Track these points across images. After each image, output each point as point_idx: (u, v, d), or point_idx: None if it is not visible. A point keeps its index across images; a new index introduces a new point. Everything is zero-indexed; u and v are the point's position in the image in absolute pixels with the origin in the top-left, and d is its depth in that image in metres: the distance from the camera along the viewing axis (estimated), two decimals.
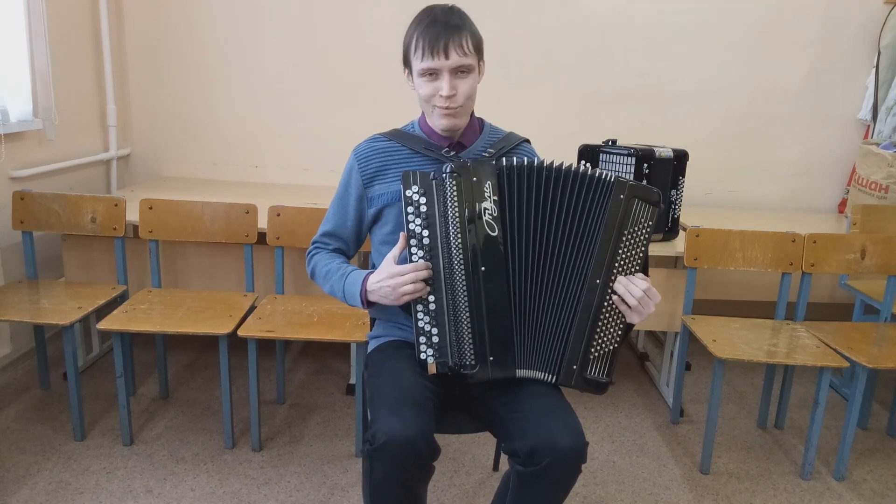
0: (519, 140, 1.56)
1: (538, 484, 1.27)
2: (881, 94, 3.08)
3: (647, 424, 2.40)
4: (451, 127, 1.43)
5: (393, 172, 1.48)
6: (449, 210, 1.32)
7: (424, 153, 1.47)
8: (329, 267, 1.50)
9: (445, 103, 1.38)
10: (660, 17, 3.08)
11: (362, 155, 1.50)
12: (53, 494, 1.84)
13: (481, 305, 1.33)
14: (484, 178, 1.33)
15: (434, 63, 1.34)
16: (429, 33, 1.34)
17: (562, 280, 1.36)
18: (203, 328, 1.97)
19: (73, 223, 2.32)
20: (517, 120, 3.15)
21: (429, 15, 1.37)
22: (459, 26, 1.35)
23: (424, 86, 1.39)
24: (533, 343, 1.37)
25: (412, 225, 1.33)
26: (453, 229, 1.32)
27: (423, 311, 1.34)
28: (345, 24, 3.07)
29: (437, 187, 1.32)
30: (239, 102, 3.16)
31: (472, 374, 1.33)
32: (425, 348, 1.34)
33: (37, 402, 2.32)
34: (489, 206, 1.33)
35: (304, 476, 2.00)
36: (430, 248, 1.33)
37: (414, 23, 1.40)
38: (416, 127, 1.53)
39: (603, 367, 1.37)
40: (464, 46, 1.35)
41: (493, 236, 1.33)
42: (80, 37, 2.87)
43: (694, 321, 2.25)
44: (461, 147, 1.49)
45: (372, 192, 1.49)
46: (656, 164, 2.38)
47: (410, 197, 1.32)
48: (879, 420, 2.53)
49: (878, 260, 2.33)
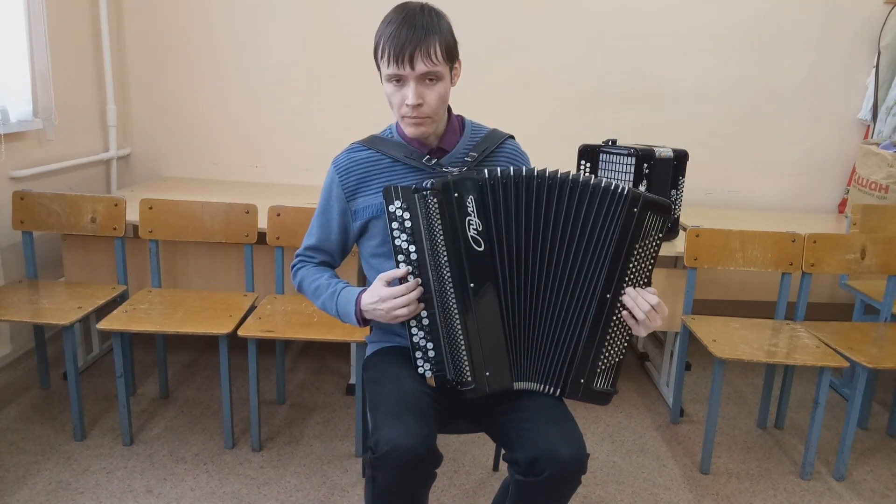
0: (502, 137, 1.51)
1: (538, 494, 1.27)
2: (881, 94, 3.08)
3: (647, 424, 2.40)
4: (419, 136, 1.38)
5: (375, 184, 1.43)
6: (433, 226, 1.29)
7: (405, 161, 1.42)
8: (318, 283, 1.46)
9: (413, 112, 1.33)
10: (660, 17, 3.08)
11: (342, 168, 1.45)
12: (53, 494, 1.84)
13: (474, 321, 1.31)
14: (465, 194, 1.29)
15: (399, 70, 1.29)
16: (395, 40, 1.28)
17: (566, 293, 1.33)
18: (203, 328, 1.97)
19: (73, 223, 2.32)
20: (517, 120, 3.15)
21: (399, 15, 1.30)
22: (429, 31, 1.29)
23: (392, 91, 1.34)
24: (532, 356, 1.36)
25: (398, 241, 1.30)
26: (439, 246, 1.29)
27: (418, 327, 1.33)
28: (344, 25, 3.06)
29: (419, 202, 1.28)
30: (239, 102, 3.16)
31: (471, 389, 1.33)
32: (422, 363, 1.34)
33: (37, 402, 2.32)
34: (473, 222, 1.30)
35: (304, 476, 1.99)
36: (418, 264, 1.30)
37: (384, 22, 1.33)
38: (393, 132, 1.48)
39: (608, 378, 1.36)
40: (431, 55, 1.29)
41: (480, 251, 1.30)
42: (80, 37, 2.87)
43: (694, 321, 2.25)
44: (442, 152, 1.44)
45: (356, 206, 1.45)
46: (656, 164, 2.38)
47: (394, 213, 1.29)
48: (879, 420, 2.53)
49: (878, 260, 2.33)
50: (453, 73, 1.38)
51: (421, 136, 1.38)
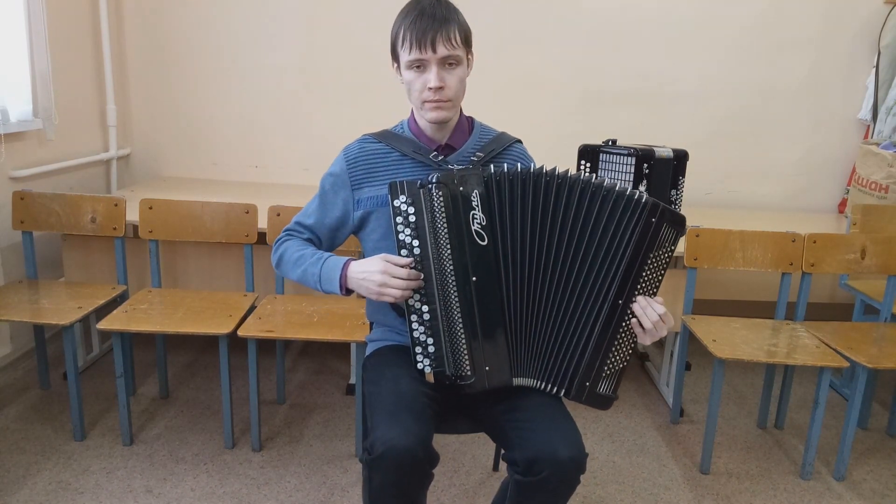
0: (510, 141, 1.53)
1: (536, 494, 1.27)
2: (881, 94, 3.08)
3: (647, 424, 2.40)
4: (441, 119, 1.40)
5: (382, 176, 1.46)
6: (437, 220, 1.30)
7: (413, 156, 1.45)
8: (303, 252, 1.45)
9: (434, 96, 1.36)
10: (660, 16, 3.08)
11: (352, 157, 1.48)
12: (53, 494, 1.84)
13: (475, 315, 1.31)
14: (470, 188, 1.30)
15: (422, 55, 1.33)
16: (416, 26, 1.33)
17: (574, 293, 1.34)
18: (203, 328, 1.97)
19: (73, 223, 2.32)
20: (517, 120, 3.15)
21: (416, 7, 1.36)
22: (447, 18, 1.34)
23: (412, 78, 1.37)
24: (533, 353, 1.36)
25: (402, 235, 1.31)
26: (443, 240, 1.30)
27: (418, 322, 1.33)
28: (345, 24, 3.06)
29: (424, 197, 1.30)
30: (239, 102, 3.16)
31: (469, 384, 1.33)
32: (422, 358, 1.34)
33: (37, 402, 2.32)
34: (478, 216, 1.31)
35: (304, 476, 1.99)
36: (421, 259, 1.31)
37: (401, 15, 1.38)
38: (405, 127, 1.50)
39: (612, 384, 1.37)
40: (451, 39, 1.34)
41: (484, 245, 1.31)
42: (80, 37, 2.87)
43: (694, 321, 2.25)
44: (450, 150, 1.47)
45: (360, 195, 1.47)
46: (656, 164, 2.38)
47: (398, 207, 1.31)
48: (879, 420, 2.53)
49: (878, 260, 2.33)
50: (469, 62, 1.42)
51: (443, 119, 1.41)
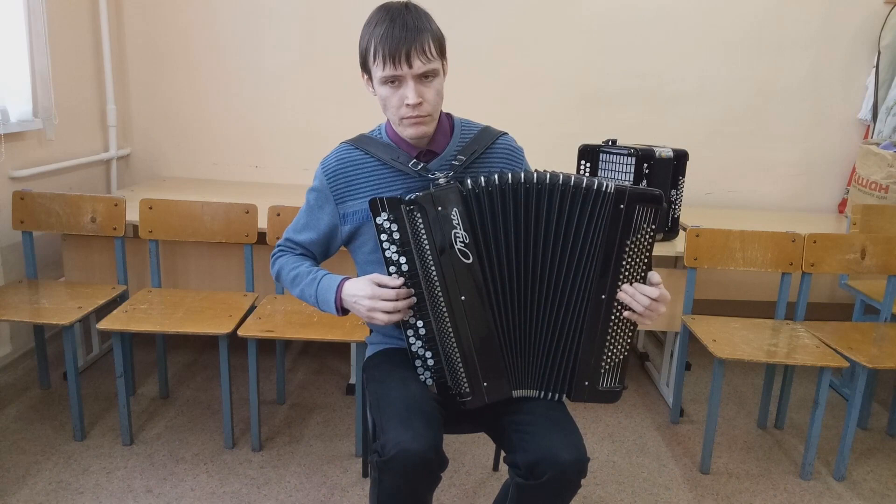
0: (495, 136, 1.45)
1: (538, 497, 1.26)
2: (881, 94, 3.08)
3: (647, 424, 2.40)
4: (422, 135, 1.35)
5: (363, 187, 1.40)
6: (420, 240, 1.27)
7: (392, 164, 1.39)
8: (298, 270, 1.42)
9: (413, 112, 1.30)
10: (660, 16, 3.08)
11: (331, 170, 1.42)
12: (53, 494, 1.84)
13: (467, 333, 1.29)
14: (450, 206, 1.25)
15: (396, 71, 1.26)
16: (388, 40, 1.25)
17: (559, 299, 1.31)
18: (203, 328, 1.97)
19: (72, 223, 2.32)
20: (517, 120, 3.16)
21: (385, 16, 1.27)
22: (420, 28, 1.26)
23: (388, 94, 1.30)
24: (529, 364, 1.35)
25: (388, 252, 1.29)
26: (427, 259, 1.27)
27: (415, 336, 1.33)
28: (344, 24, 3.06)
29: (406, 214, 1.26)
30: (239, 102, 3.16)
31: (469, 401, 1.33)
32: (422, 370, 1.34)
33: (37, 402, 2.32)
34: (460, 234, 1.27)
35: (304, 476, 1.99)
36: (409, 275, 1.29)
37: (369, 25, 1.30)
38: (382, 132, 1.44)
39: (614, 376, 1.35)
40: (427, 52, 1.26)
41: (469, 264, 1.27)
42: (80, 37, 2.87)
43: (694, 321, 2.25)
44: (431, 155, 1.41)
45: (345, 209, 1.42)
46: (656, 164, 2.38)
47: (381, 224, 1.27)
48: (879, 420, 2.53)
49: (878, 260, 2.33)
50: (444, 70, 1.35)
51: (423, 135, 1.35)
